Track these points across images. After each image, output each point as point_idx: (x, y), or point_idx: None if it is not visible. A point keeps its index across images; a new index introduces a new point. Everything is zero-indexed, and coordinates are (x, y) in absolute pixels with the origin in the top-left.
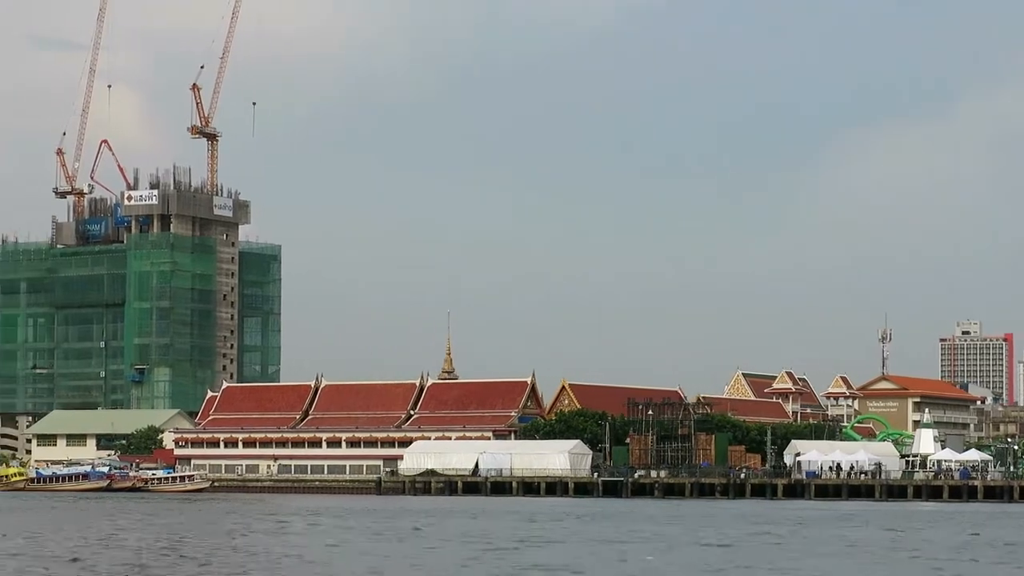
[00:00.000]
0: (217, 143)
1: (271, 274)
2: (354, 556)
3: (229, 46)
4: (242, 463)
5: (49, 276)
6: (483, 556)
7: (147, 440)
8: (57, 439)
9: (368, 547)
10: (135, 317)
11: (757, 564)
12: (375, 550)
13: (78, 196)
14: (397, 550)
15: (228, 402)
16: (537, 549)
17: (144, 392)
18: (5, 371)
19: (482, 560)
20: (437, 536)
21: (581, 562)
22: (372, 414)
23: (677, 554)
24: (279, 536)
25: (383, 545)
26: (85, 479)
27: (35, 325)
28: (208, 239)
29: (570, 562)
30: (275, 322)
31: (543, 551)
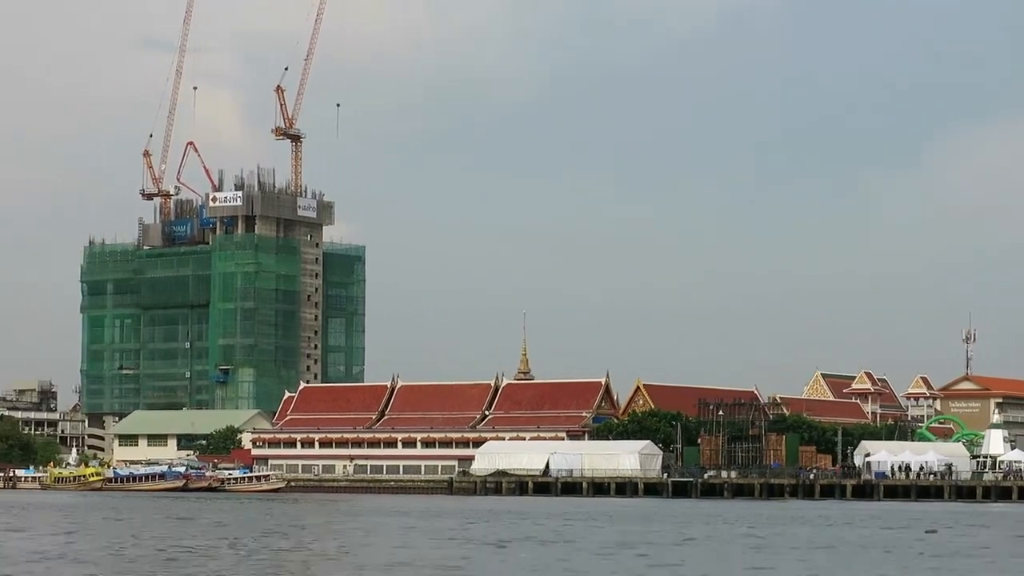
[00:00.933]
0: (301, 144)
1: (355, 275)
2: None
3: (313, 47)
4: (318, 463)
5: (135, 277)
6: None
7: (226, 440)
8: (139, 439)
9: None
10: (219, 318)
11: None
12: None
13: (164, 198)
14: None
15: (305, 402)
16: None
17: (228, 392)
18: (92, 371)
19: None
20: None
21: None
22: (447, 414)
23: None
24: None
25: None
26: (161, 479)
27: (122, 326)
28: (292, 240)
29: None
30: (359, 323)
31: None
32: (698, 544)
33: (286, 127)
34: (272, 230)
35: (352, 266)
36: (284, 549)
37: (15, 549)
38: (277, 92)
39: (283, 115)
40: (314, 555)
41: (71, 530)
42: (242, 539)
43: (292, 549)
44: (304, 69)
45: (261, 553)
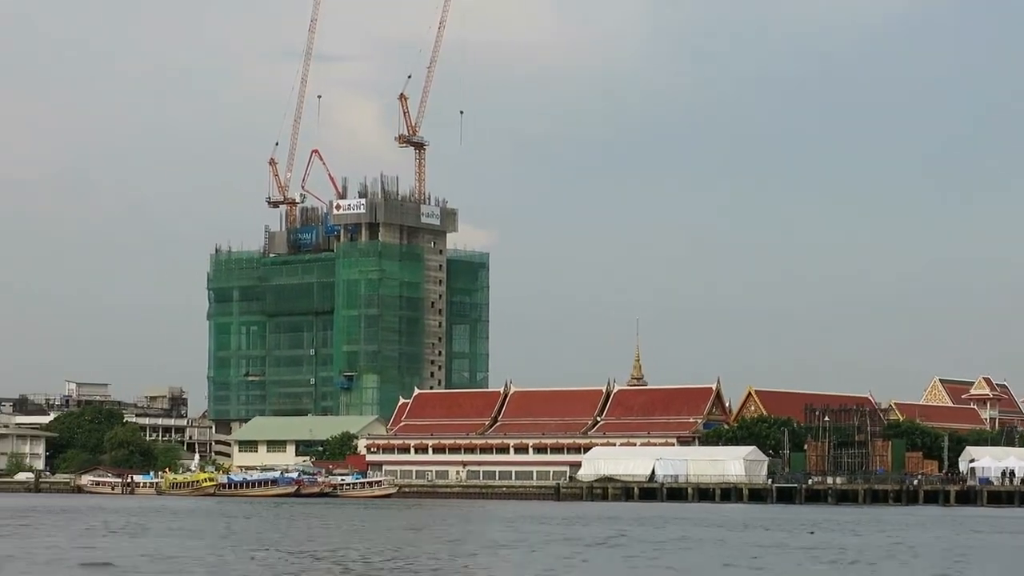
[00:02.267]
0: (425, 151)
1: (479, 282)
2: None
3: (436, 55)
4: (432, 469)
5: (261, 285)
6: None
7: (342, 446)
8: (258, 445)
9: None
10: (344, 325)
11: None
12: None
13: (290, 205)
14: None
15: (420, 408)
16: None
17: (352, 399)
18: (219, 378)
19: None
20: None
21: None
22: (559, 420)
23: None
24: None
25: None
26: (274, 484)
27: (248, 333)
28: (416, 247)
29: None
30: (483, 329)
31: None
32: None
33: (409, 134)
34: (396, 237)
35: (476, 273)
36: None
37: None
38: (400, 100)
39: (406, 122)
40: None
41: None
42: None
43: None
44: (427, 76)
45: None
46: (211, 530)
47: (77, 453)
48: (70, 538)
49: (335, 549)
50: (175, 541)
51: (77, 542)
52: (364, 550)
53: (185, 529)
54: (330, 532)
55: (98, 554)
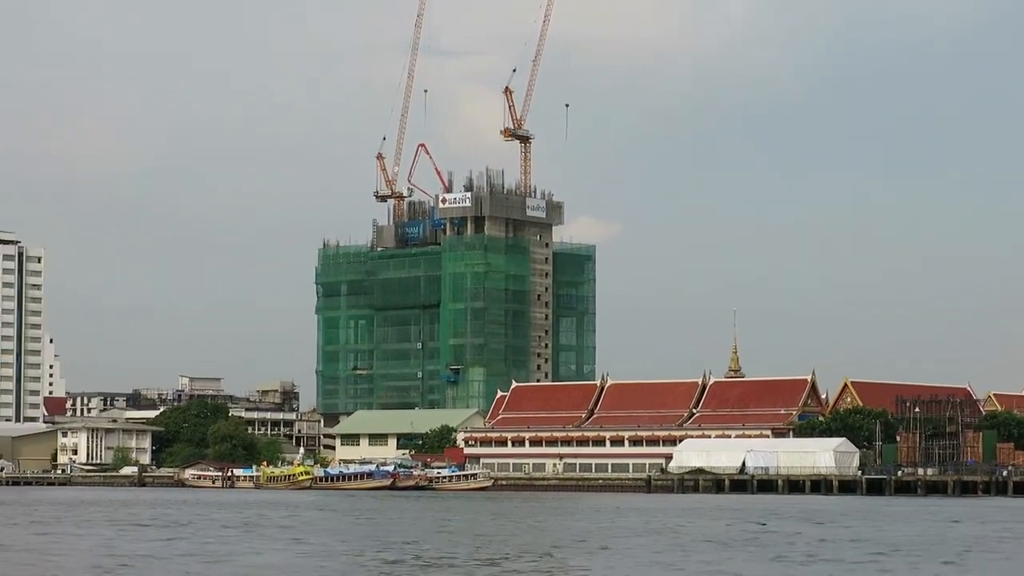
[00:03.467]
0: (530, 145)
1: (585, 274)
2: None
3: (542, 48)
4: (528, 461)
5: (368, 279)
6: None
7: (441, 439)
8: (360, 438)
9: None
10: (450, 318)
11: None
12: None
13: (397, 199)
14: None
15: (517, 401)
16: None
17: (459, 392)
18: (328, 372)
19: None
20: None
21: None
22: (655, 412)
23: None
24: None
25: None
26: (369, 478)
27: (356, 327)
28: (522, 240)
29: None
30: (590, 322)
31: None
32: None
33: (515, 128)
34: (501, 230)
35: (582, 266)
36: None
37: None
38: (506, 93)
39: (512, 116)
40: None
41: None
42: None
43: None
44: (532, 70)
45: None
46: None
47: (182, 447)
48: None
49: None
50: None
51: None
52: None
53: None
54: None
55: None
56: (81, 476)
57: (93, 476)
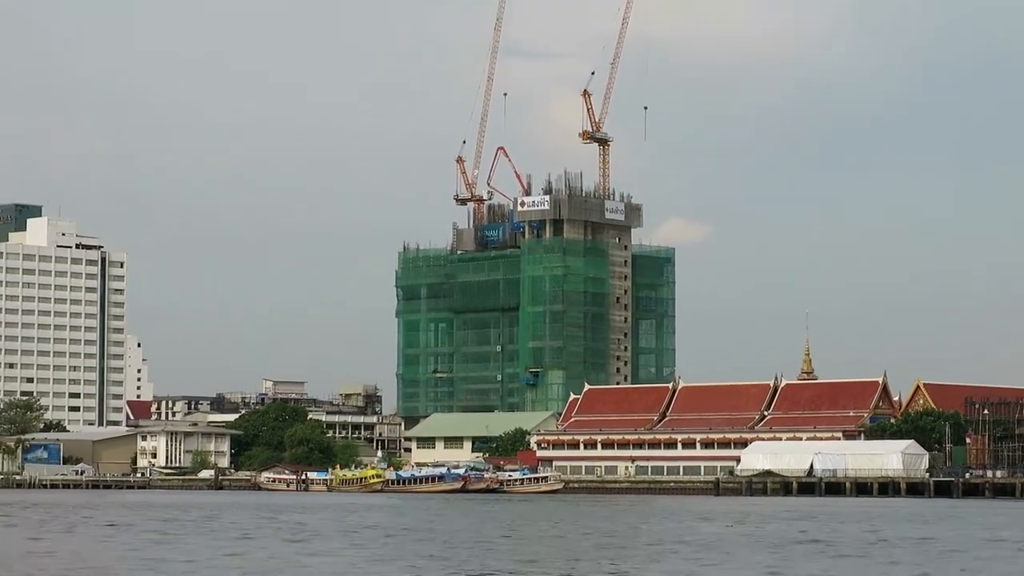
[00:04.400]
0: (608, 147)
1: (664, 277)
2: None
3: (620, 51)
4: (601, 464)
5: (448, 282)
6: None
7: (515, 442)
8: (436, 441)
9: None
10: (529, 321)
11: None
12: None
13: (477, 203)
14: None
15: (589, 404)
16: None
17: (538, 395)
18: (408, 375)
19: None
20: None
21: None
22: (727, 415)
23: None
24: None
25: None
26: (440, 481)
27: (436, 330)
28: (600, 243)
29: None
30: (669, 324)
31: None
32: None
33: (593, 131)
34: (580, 233)
35: (661, 268)
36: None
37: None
38: (584, 96)
39: (590, 119)
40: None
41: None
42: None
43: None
44: (611, 73)
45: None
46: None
47: (261, 450)
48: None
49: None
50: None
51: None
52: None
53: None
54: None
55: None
56: (160, 480)
57: (171, 479)
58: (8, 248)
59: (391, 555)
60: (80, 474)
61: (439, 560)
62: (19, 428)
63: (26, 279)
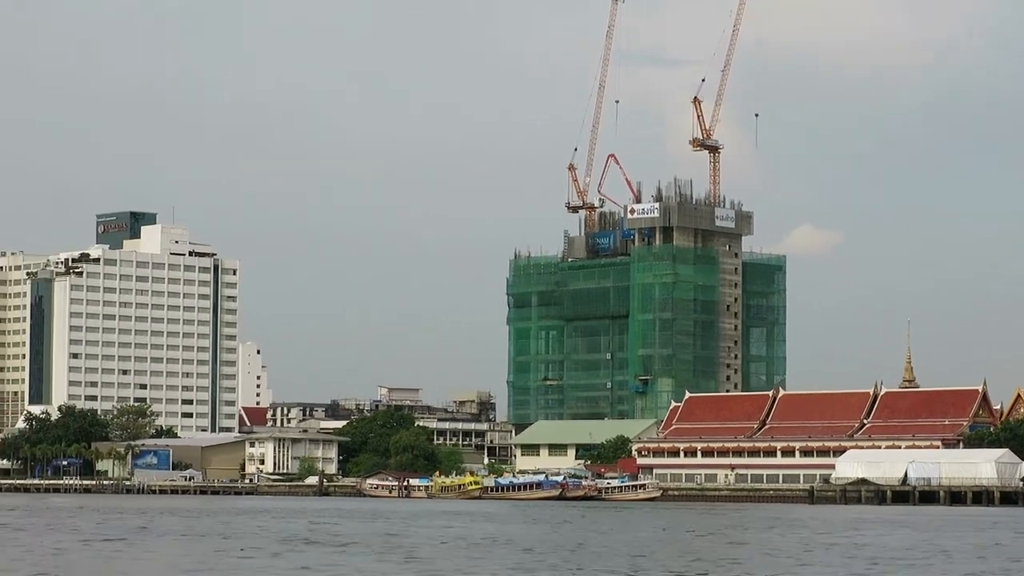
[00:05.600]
0: (719, 155)
1: (775, 285)
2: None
3: (731, 58)
4: (700, 472)
5: (558, 289)
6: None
7: (617, 450)
8: (540, 448)
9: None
10: (639, 329)
11: None
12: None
13: (588, 210)
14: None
15: (690, 412)
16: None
17: (648, 403)
18: (519, 382)
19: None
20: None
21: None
22: (826, 423)
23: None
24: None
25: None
26: (538, 488)
27: (546, 337)
28: (710, 250)
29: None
30: (780, 332)
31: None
32: None
33: (703, 138)
34: (690, 241)
35: (772, 276)
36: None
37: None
38: (694, 103)
39: (700, 126)
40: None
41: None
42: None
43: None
44: (721, 80)
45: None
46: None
47: (368, 457)
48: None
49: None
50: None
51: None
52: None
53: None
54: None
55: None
56: (267, 485)
57: (278, 485)
58: (122, 255)
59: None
60: (188, 480)
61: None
62: (131, 434)
63: (140, 286)
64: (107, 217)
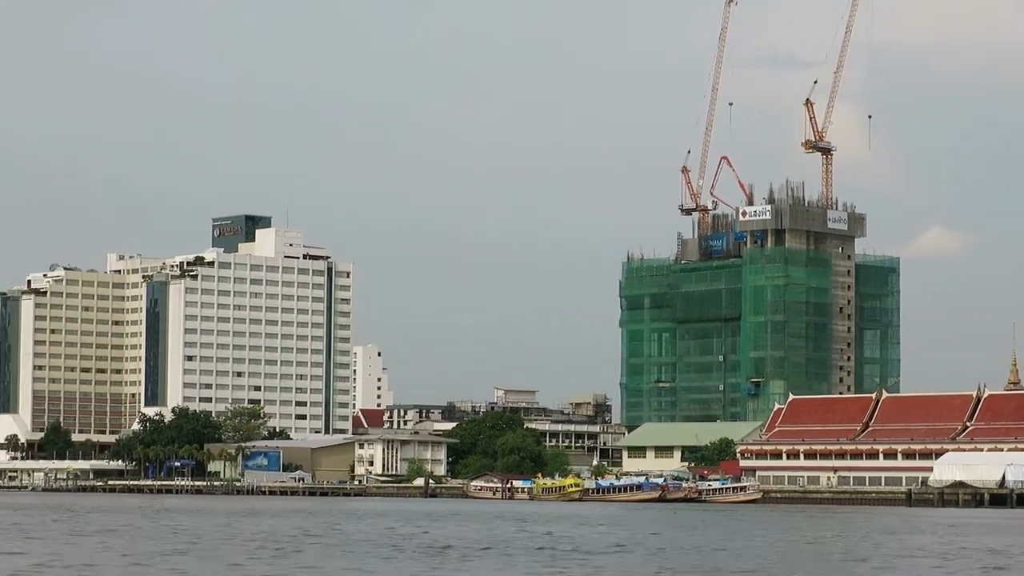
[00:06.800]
0: (831, 157)
1: (889, 287)
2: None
3: (843, 60)
4: (803, 474)
5: (671, 291)
6: None
7: (721, 452)
8: (647, 451)
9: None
10: (751, 331)
11: None
12: None
13: (702, 212)
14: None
15: (793, 414)
16: None
17: (759, 405)
18: (632, 384)
19: None
20: None
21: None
22: (929, 425)
23: None
24: None
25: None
26: (638, 490)
27: (659, 340)
28: (823, 253)
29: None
30: (894, 334)
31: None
32: None
33: (815, 140)
34: (802, 243)
35: (886, 278)
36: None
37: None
38: (806, 105)
39: (812, 128)
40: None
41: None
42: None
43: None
44: (834, 81)
45: None
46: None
47: (476, 459)
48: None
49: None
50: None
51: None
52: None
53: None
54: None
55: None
56: (375, 487)
57: (387, 487)
58: (237, 258)
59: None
60: (298, 481)
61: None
62: (243, 436)
63: (254, 289)
64: (223, 221)
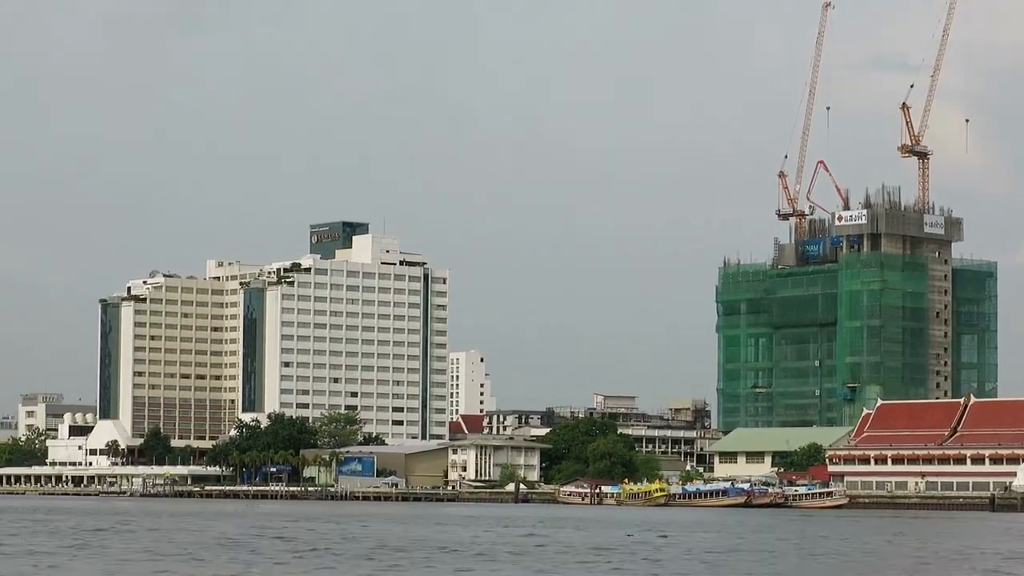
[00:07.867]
0: (928, 161)
1: (987, 291)
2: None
3: (940, 63)
4: (891, 480)
5: (767, 296)
6: None
7: (810, 457)
8: (737, 456)
9: None
10: (847, 336)
11: None
12: None
13: (799, 217)
14: None
15: (882, 419)
16: None
17: (855, 410)
18: (728, 390)
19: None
20: None
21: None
22: (1017, 431)
23: None
24: None
25: None
26: (724, 495)
27: (756, 345)
28: (919, 257)
29: None
30: (991, 339)
31: None
32: None
33: (912, 144)
34: (898, 247)
35: (983, 283)
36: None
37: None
38: (902, 109)
39: (909, 132)
40: None
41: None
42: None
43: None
44: (931, 85)
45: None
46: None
47: (569, 464)
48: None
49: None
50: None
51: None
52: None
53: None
54: None
55: None
56: (468, 492)
57: (479, 492)
58: (334, 265)
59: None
60: (392, 486)
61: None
62: (339, 441)
63: (351, 295)
64: (320, 227)
